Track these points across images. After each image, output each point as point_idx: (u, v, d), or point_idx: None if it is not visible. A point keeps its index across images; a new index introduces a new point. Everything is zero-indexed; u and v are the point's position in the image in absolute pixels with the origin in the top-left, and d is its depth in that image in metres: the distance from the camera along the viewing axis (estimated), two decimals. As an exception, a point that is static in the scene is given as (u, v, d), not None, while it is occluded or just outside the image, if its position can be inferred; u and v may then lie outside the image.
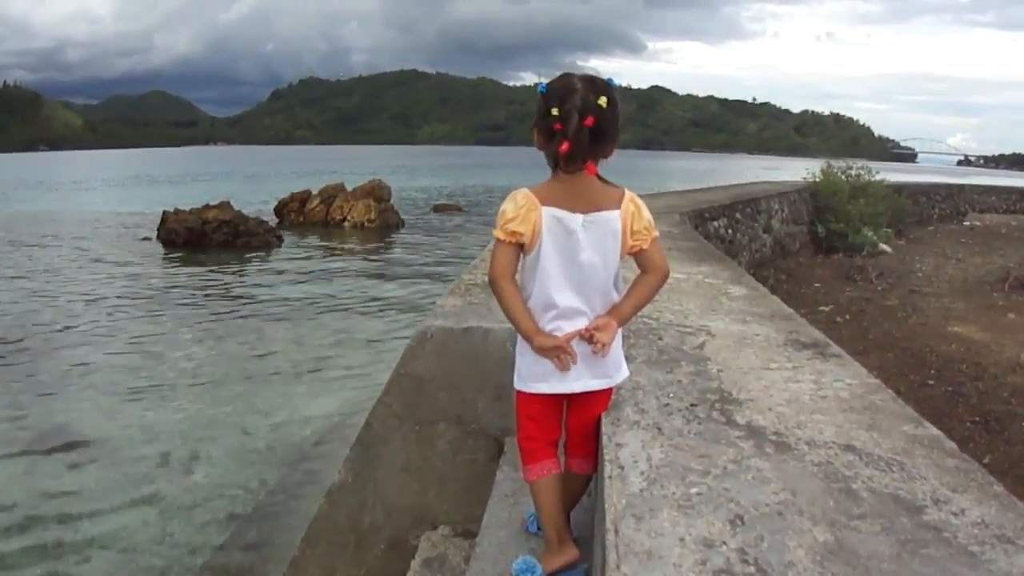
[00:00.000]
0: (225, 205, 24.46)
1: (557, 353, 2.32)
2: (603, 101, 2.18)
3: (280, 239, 24.21)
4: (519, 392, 2.45)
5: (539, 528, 2.67)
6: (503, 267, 2.32)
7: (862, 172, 19.51)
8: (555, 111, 2.18)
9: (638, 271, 2.42)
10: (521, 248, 2.31)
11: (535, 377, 2.39)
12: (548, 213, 2.26)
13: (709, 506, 1.85)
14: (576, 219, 2.26)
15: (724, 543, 1.68)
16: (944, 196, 27.63)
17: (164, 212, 24.55)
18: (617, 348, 2.43)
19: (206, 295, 16.36)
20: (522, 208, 2.26)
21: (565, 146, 2.18)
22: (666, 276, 2.43)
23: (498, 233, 2.29)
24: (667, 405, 2.57)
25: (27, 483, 7.32)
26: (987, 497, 1.95)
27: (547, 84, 2.25)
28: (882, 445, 2.28)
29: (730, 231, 13.11)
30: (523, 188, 2.31)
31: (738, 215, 13.73)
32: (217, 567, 5.96)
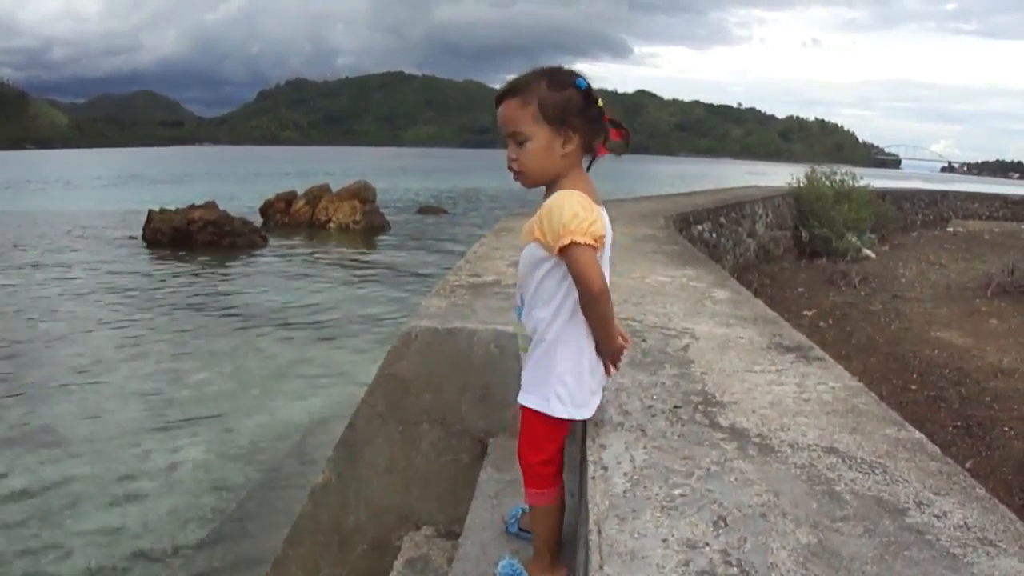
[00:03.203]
0: (211, 205, 24.42)
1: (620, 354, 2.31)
2: None
3: (265, 240, 24.17)
4: (557, 418, 2.23)
5: (520, 529, 2.65)
6: (602, 274, 2.13)
7: (846, 178, 19.59)
8: (600, 102, 2.15)
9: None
10: None
11: (583, 401, 2.24)
12: (603, 212, 2.19)
13: (692, 507, 1.85)
14: (606, 214, 2.23)
15: (707, 544, 1.68)
16: (927, 202, 27.80)
17: (150, 211, 24.46)
18: None
19: (190, 295, 16.30)
20: (591, 209, 2.10)
21: (622, 132, 2.22)
22: None
23: (584, 239, 2.04)
24: (650, 407, 2.57)
25: (9, 481, 7.28)
26: (969, 500, 1.96)
27: (583, 79, 2.14)
28: (865, 448, 2.28)
29: (714, 235, 13.14)
30: (565, 188, 2.14)
31: (722, 219, 13.77)
32: (200, 566, 5.94)
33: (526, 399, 2.26)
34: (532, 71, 2.18)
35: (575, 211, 2.06)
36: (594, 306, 2.15)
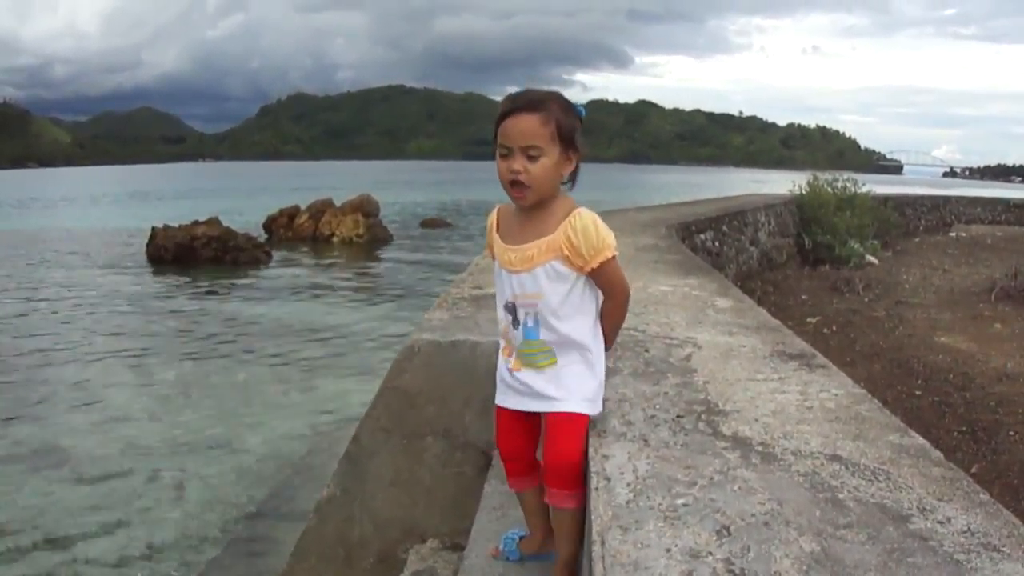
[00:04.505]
0: (214, 221, 24.48)
1: None
2: None
3: (269, 255, 24.22)
4: (591, 415, 2.40)
5: (521, 556, 2.64)
6: None
7: (848, 184, 19.58)
8: None
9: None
10: None
11: None
12: None
13: (695, 517, 1.85)
14: None
15: (710, 553, 1.68)
16: (930, 207, 27.76)
17: (153, 228, 24.52)
18: None
19: (194, 312, 16.33)
20: None
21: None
22: None
23: (616, 251, 2.27)
24: (653, 417, 2.57)
25: (16, 501, 7.29)
26: (973, 505, 1.96)
27: (582, 107, 2.28)
28: (868, 455, 2.28)
29: (717, 244, 13.14)
30: (558, 207, 2.27)
31: (725, 228, 13.76)
32: (206, 584, 5.94)
33: (582, 406, 2.33)
34: (542, 91, 2.26)
35: (605, 227, 2.24)
36: (624, 308, 2.42)
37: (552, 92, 2.26)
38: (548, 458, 2.31)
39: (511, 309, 2.32)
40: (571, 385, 2.31)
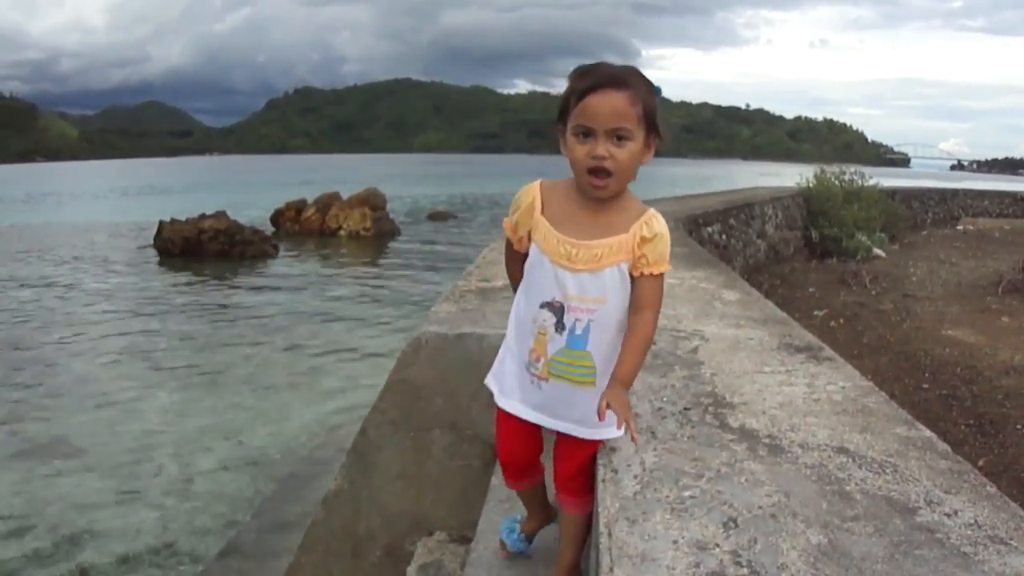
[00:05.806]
0: (221, 214, 24.48)
1: None
2: None
3: (276, 248, 24.23)
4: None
5: (526, 547, 2.63)
6: None
7: (855, 177, 19.52)
8: None
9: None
10: None
11: None
12: None
13: (702, 509, 1.85)
14: None
15: (717, 545, 1.68)
16: (937, 200, 27.67)
17: (160, 222, 24.54)
18: None
19: (202, 305, 16.35)
20: None
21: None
22: None
23: (668, 267, 2.07)
24: (660, 409, 2.57)
25: (24, 493, 7.31)
26: (980, 498, 1.96)
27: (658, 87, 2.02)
28: (875, 447, 2.28)
29: (724, 236, 13.12)
30: (629, 204, 2.07)
31: (732, 220, 13.74)
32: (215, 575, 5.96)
33: (615, 431, 2.06)
34: (621, 66, 1.99)
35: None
36: (655, 328, 2.13)
37: (632, 67, 1.99)
38: (562, 471, 2.24)
39: (557, 310, 2.04)
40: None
